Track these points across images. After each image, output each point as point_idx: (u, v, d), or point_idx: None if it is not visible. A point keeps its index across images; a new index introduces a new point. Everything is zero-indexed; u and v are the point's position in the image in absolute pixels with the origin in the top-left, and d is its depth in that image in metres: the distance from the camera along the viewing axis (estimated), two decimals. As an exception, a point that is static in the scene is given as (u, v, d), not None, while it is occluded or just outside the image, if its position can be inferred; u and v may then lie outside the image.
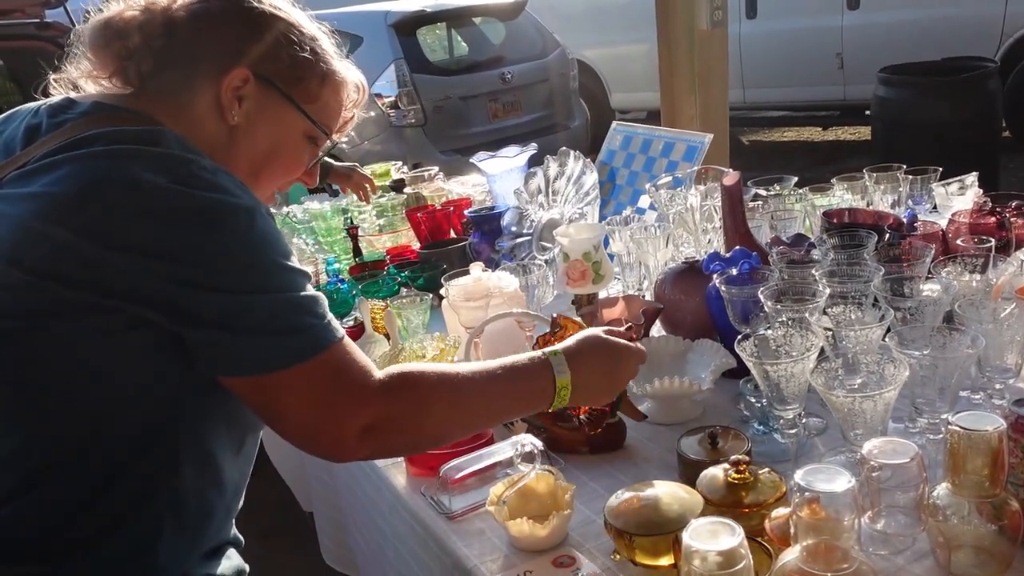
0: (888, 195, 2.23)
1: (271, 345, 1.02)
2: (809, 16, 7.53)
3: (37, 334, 1.01)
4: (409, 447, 1.22)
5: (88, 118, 1.11)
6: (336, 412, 1.05)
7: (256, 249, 1.03)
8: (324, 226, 2.90)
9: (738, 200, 1.86)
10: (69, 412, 1.04)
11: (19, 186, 1.04)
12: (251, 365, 1.02)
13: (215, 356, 1.03)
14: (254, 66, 1.18)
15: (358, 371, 1.07)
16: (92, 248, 0.98)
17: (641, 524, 1.18)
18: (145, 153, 1.03)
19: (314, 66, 1.24)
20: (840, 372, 1.26)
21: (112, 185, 1.00)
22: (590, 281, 1.95)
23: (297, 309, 1.05)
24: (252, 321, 1.01)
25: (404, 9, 6.87)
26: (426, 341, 1.92)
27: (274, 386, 1.03)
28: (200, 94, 1.16)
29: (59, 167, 1.02)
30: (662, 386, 1.57)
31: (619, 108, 9.18)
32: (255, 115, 1.19)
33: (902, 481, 1.10)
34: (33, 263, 0.99)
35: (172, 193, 1.00)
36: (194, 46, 1.17)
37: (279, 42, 1.20)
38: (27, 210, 1.01)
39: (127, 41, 1.17)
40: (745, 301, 1.52)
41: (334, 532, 2.06)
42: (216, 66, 1.16)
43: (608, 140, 2.83)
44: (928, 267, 1.54)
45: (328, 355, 1.05)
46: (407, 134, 6.37)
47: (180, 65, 1.17)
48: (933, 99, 5.64)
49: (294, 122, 1.24)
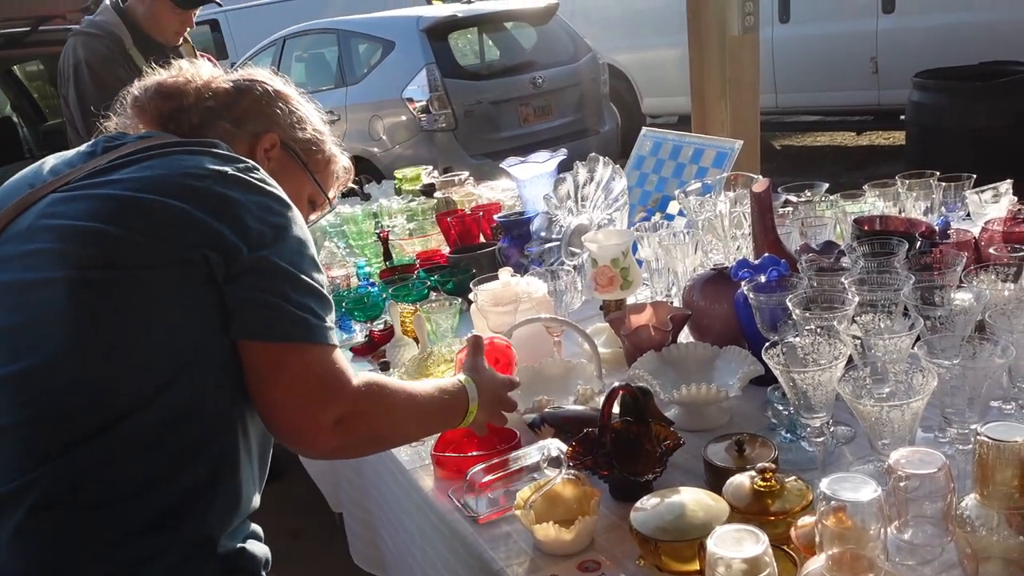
0: (921, 202, 2.21)
1: (290, 317, 1.18)
2: (843, 20, 7.46)
3: (131, 283, 1.15)
4: (367, 443, 1.33)
5: (144, 140, 1.31)
6: (319, 400, 1.19)
7: (304, 238, 1.25)
8: (355, 230, 2.93)
9: (767, 207, 1.86)
10: (145, 359, 1.15)
11: (98, 178, 1.22)
12: (268, 330, 1.18)
13: (244, 314, 1.18)
14: (282, 133, 1.45)
15: (344, 372, 1.23)
16: (188, 209, 1.17)
17: (666, 530, 1.19)
18: (213, 152, 1.27)
19: (324, 144, 1.53)
20: (868, 381, 1.25)
21: (198, 167, 1.22)
22: (618, 287, 1.96)
23: (319, 301, 1.22)
24: (283, 291, 1.18)
25: (436, 14, 6.91)
26: (455, 345, 1.93)
27: (278, 358, 1.18)
28: (237, 150, 1.34)
29: (138, 163, 1.23)
30: (689, 393, 1.57)
31: (650, 113, 9.15)
32: (277, 174, 1.35)
33: (930, 491, 1.09)
34: (133, 224, 1.16)
35: (243, 177, 1.24)
36: (237, 110, 1.42)
37: (303, 120, 1.49)
38: (119, 188, 1.19)
39: (182, 100, 1.39)
40: (773, 308, 1.51)
41: (363, 532, 2.08)
42: (252, 129, 1.42)
43: (638, 146, 2.83)
44: (960, 276, 1.53)
45: (327, 350, 1.22)
46: (438, 138, 6.40)
47: (224, 123, 1.40)
48: (969, 104, 5.57)
49: (304, 185, 1.51)
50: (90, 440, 1.11)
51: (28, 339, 1.14)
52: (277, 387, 1.19)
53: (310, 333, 1.19)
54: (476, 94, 6.54)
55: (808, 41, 7.64)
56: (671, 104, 8.78)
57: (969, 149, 5.28)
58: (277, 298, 1.18)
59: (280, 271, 1.19)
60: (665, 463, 1.40)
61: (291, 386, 1.18)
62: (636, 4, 8.88)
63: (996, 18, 6.67)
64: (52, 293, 1.14)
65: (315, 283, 1.23)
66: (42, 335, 1.14)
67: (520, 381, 1.64)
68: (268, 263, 1.18)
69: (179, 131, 1.37)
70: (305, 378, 1.19)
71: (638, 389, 1.49)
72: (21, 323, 1.15)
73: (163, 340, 1.16)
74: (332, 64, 7.40)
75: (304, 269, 1.22)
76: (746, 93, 4.16)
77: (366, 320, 2.31)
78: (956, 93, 5.69)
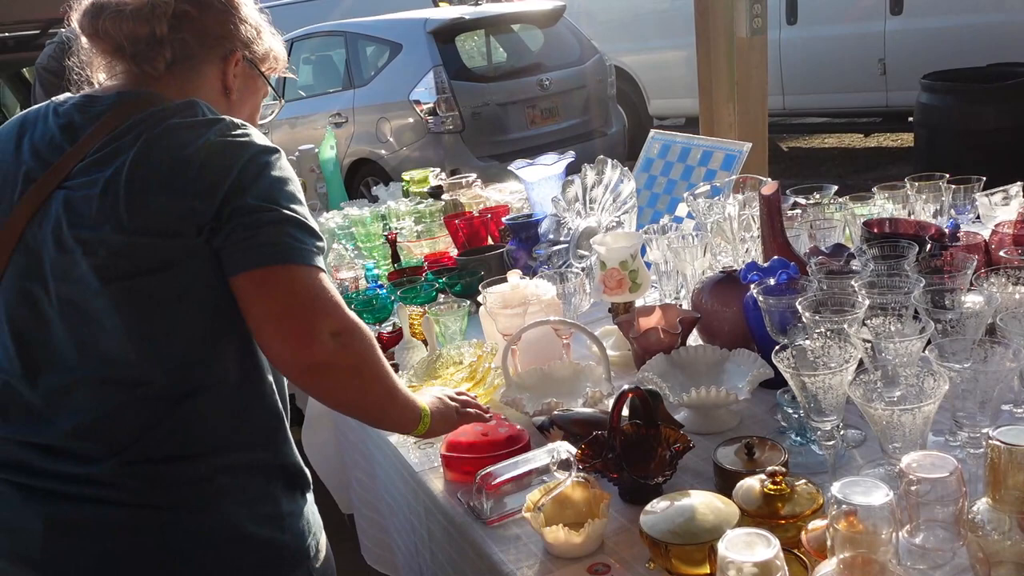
0: (930, 205, 2.20)
1: (277, 243, 1.25)
2: (851, 22, 7.44)
3: (169, 274, 1.27)
4: (352, 370, 1.33)
5: (122, 106, 1.34)
6: (310, 313, 1.26)
7: (282, 176, 1.31)
8: (363, 232, 2.94)
9: (776, 210, 1.86)
10: (195, 334, 1.30)
11: (95, 172, 1.27)
12: (257, 258, 1.25)
13: (233, 253, 1.25)
14: (244, 50, 1.48)
15: (335, 295, 1.30)
16: (188, 205, 1.25)
17: (676, 534, 1.19)
18: (192, 123, 1.30)
19: (272, 48, 1.55)
20: (879, 384, 1.25)
21: (185, 150, 1.27)
22: (627, 290, 1.96)
23: (299, 228, 1.28)
24: (269, 223, 1.25)
25: (443, 17, 6.92)
26: (463, 347, 1.94)
27: (271, 280, 1.26)
28: (208, 77, 1.44)
29: (129, 147, 1.27)
30: (699, 396, 1.57)
31: (657, 115, 9.15)
32: (243, 89, 1.50)
33: (941, 495, 1.09)
34: (146, 227, 1.25)
35: (227, 140, 1.29)
36: (206, 37, 1.43)
37: (258, 30, 1.51)
38: (122, 192, 1.25)
39: (154, 27, 1.37)
40: (783, 311, 1.51)
41: (374, 533, 2.09)
42: (220, 52, 1.45)
43: (646, 148, 2.83)
44: (970, 279, 1.53)
45: (312, 270, 1.28)
46: (445, 140, 6.41)
47: (193, 54, 1.42)
48: (977, 106, 5.56)
49: (261, 89, 1.57)
50: (175, 412, 1.29)
51: (99, 343, 1.27)
52: (269, 307, 1.25)
53: (290, 255, 1.25)
54: (483, 96, 6.54)
55: (816, 43, 7.63)
56: (678, 106, 8.77)
57: (978, 151, 5.26)
58: (252, 230, 1.25)
59: (254, 208, 1.26)
60: (675, 466, 1.40)
61: (281, 303, 1.25)
62: (643, 6, 8.88)
63: (1005, 20, 6.65)
64: (103, 305, 1.26)
65: (294, 213, 1.28)
66: (108, 340, 1.27)
67: (490, 417, 1.66)
68: (244, 206, 1.25)
69: (149, 69, 1.39)
70: (292, 294, 1.25)
71: (647, 392, 1.49)
72: (92, 332, 1.27)
73: (204, 315, 1.29)
74: (340, 66, 7.42)
75: (280, 202, 1.28)
76: (754, 95, 4.16)
77: (375, 322, 2.32)
78: (965, 95, 5.67)
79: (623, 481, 1.42)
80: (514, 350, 1.85)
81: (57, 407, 1.28)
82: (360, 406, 1.41)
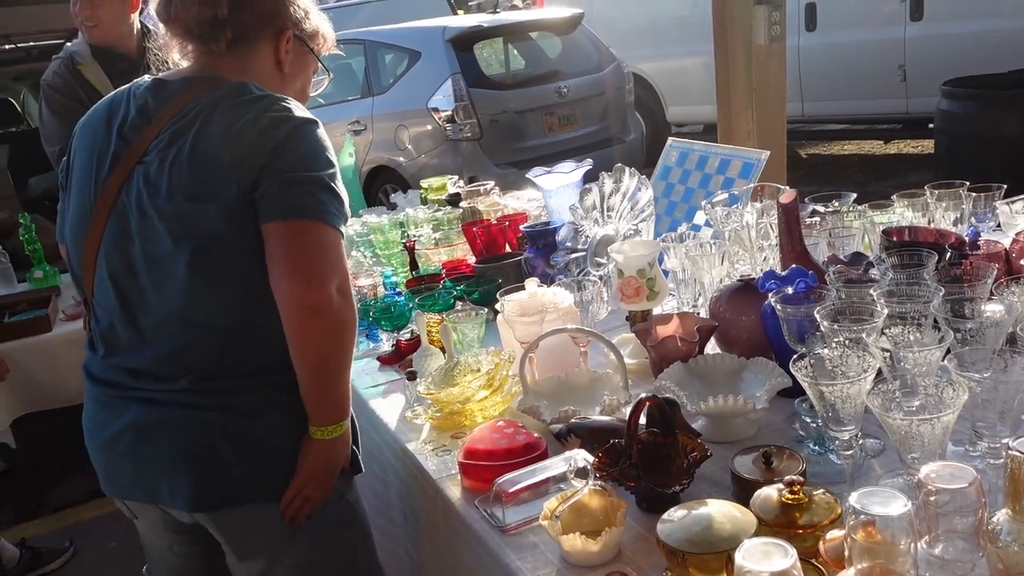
0: (950, 212, 2.19)
1: (304, 200, 1.51)
2: (870, 28, 7.42)
3: (226, 233, 1.53)
4: (345, 322, 1.57)
5: (186, 90, 1.62)
6: (326, 265, 1.52)
7: (316, 143, 1.57)
8: (382, 239, 2.95)
9: (795, 218, 1.86)
10: (243, 286, 1.57)
11: (165, 150, 1.56)
12: (288, 210, 1.50)
13: (269, 203, 1.51)
14: (295, 28, 1.72)
15: (345, 259, 1.57)
16: (244, 166, 1.51)
17: (693, 543, 1.19)
18: (240, 102, 1.56)
19: (320, 26, 1.79)
20: (898, 394, 1.24)
21: (237, 128, 1.53)
22: (644, 298, 1.96)
23: (331, 193, 1.55)
24: (300, 183, 1.51)
25: (462, 24, 6.95)
26: (481, 355, 1.94)
27: (299, 229, 1.51)
28: (263, 53, 1.70)
29: (188, 130, 1.55)
30: (716, 404, 1.57)
31: (675, 122, 9.15)
32: (295, 63, 1.75)
33: (961, 506, 1.08)
34: (208, 196, 1.52)
35: (269, 117, 1.54)
36: (257, 15, 1.67)
37: (307, 11, 1.76)
38: (187, 170, 1.53)
39: (216, 10, 1.63)
40: (801, 320, 1.51)
41: (387, 542, 2.09)
42: (273, 30, 1.70)
43: (664, 156, 2.83)
44: (990, 287, 1.52)
45: (337, 232, 1.55)
46: (463, 148, 6.43)
47: (250, 33, 1.67)
48: (998, 112, 5.52)
49: (311, 64, 1.81)
50: (236, 343, 1.59)
51: (175, 291, 1.56)
52: (292, 251, 1.50)
53: (319, 213, 1.51)
54: (501, 104, 6.56)
55: (835, 49, 7.60)
56: (696, 113, 8.77)
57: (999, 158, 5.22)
58: (287, 187, 1.51)
59: (290, 169, 1.51)
60: (692, 475, 1.40)
61: (303, 250, 1.51)
62: (661, 13, 8.89)
63: (1026, 25, 6.61)
64: (176, 261, 1.55)
65: (326, 177, 1.54)
66: (182, 289, 1.56)
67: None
68: (281, 167, 1.51)
69: (215, 47, 1.65)
70: (316, 243, 1.51)
71: (665, 400, 1.49)
72: (170, 282, 1.56)
73: (254, 264, 1.53)
74: (359, 74, 7.47)
75: (313, 167, 1.53)
76: (772, 103, 4.15)
77: (393, 329, 2.33)
78: (985, 101, 5.64)
79: (640, 490, 1.42)
80: (531, 358, 1.86)
81: (146, 340, 1.60)
82: (328, 362, 1.59)
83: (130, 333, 1.62)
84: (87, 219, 1.64)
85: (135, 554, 3.37)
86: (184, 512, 1.64)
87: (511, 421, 1.70)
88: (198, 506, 1.61)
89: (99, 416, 1.68)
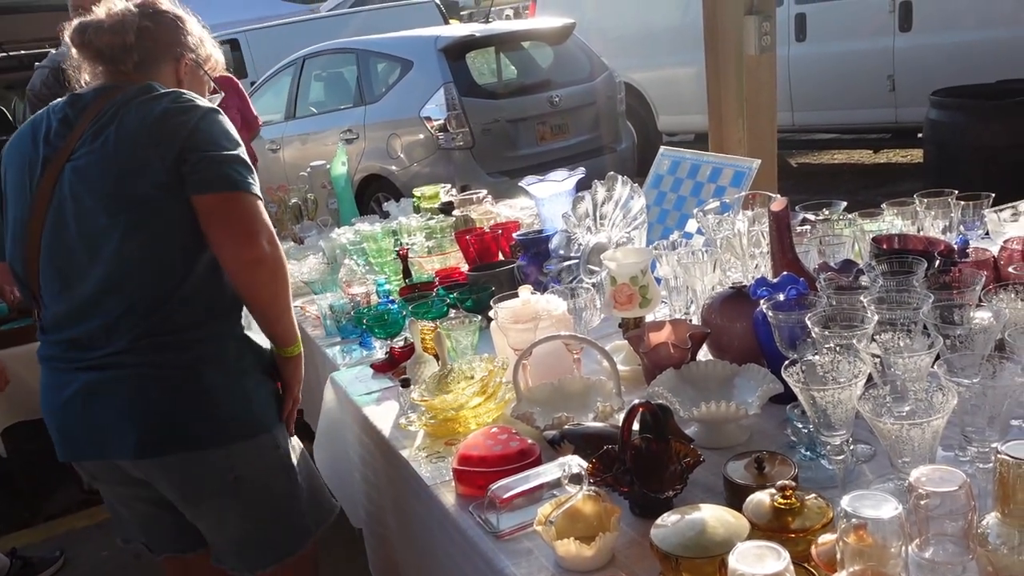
0: (939, 221, 2.21)
1: (229, 175, 1.75)
2: (860, 38, 7.46)
3: (155, 205, 1.76)
4: (277, 270, 1.82)
5: (100, 97, 1.83)
6: (257, 226, 1.77)
7: (222, 125, 1.82)
8: (375, 247, 2.96)
9: (786, 226, 1.87)
10: (178, 247, 1.80)
11: (91, 144, 1.77)
12: (215, 184, 1.74)
13: (200, 178, 1.74)
14: (191, 54, 1.99)
15: (267, 216, 1.81)
16: (158, 155, 1.74)
17: (687, 547, 1.19)
18: (151, 96, 1.80)
19: (212, 52, 2.06)
20: (888, 399, 1.26)
21: (151, 118, 1.77)
22: (637, 305, 1.97)
23: (247, 167, 1.80)
24: (219, 159, 1.75)
25: (454, 34, 6.97)
26: (475, 362, 1.95)
27: (230, 201, 1.75)
28: (165, 74, 1.94)
29: (109, 124, 1.77)
30: (708, 411, 1.58)
31: (666, 131, 9.18)
32: (192, 83, 1.99)
33: (950, 509, 1.09)
34: (131, 179, 1.75)
35: (179, 105, 1.80)
36: (161, 44, 1.93)
37: (200, 39, 2.02)
38: (113, 155, 1.76)
39: (124, 38, 1.86)
40: (792, 327, 1.52)
41: (381, 548, 2.10)
42: (173, 56, 1.96)
43: (656, 165, 2.85)
44: (979, 294, 1.53)
45: (256, 198, 1.79)
46: (456, 157, 6.44)
47: (154, 57, 1.92)
48: (986, 122, 5.57)
49: (206, 83, 2.06)
50: (166, 303, 1.79)
51: (112, 263, 1.76)
52: (226, 219, 1.74)
53: (241, 185, 1.76)
54: (493, 113, 6.58)
55: (824, 59, 7.65)
56: (687, 122, 8.80)
57: (987, 167, 5.27)
58: (210, 164, 1.74)
59: (207, 148, 1.75)
60: (685, 480, 1.41)
61: (235, 217, 1.75)
62: (653, 22, 8.92)
63: (1014, 36, 6.66)
64: (111, 235, 1.75)
65: (238, 153, 1.78)
66: (118, 260, 1.76)
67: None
68: (199, 147, 1.75)
69: (123, 68, 1.88)
70: (244, 211, 1.75)
71: (658, 406, 1.50)
72: (106, 256, 1.76)
73: (182, 232, 1.76)
74: (351, 83, 7.48)
75: (226, 145, 1.78)
76: (763, 112, 4.18)
77: (386, 337, 2.34)
78: (974, 111, 5.68)
79: (634, 495, 1.43)
80: (525, 365, 1.87)
81: (87, 311, 1.79)
82: (275, 303, 1.86)
83: (72, 306, 1.81)
84: (26, 223, 1.83)
85: (126, 564, 3.37)
86: (131, 463, 1.83)
87: (505, 427, 1.71)
88: (142, 453, 1.80)
89: (52, 387, 1.87)
